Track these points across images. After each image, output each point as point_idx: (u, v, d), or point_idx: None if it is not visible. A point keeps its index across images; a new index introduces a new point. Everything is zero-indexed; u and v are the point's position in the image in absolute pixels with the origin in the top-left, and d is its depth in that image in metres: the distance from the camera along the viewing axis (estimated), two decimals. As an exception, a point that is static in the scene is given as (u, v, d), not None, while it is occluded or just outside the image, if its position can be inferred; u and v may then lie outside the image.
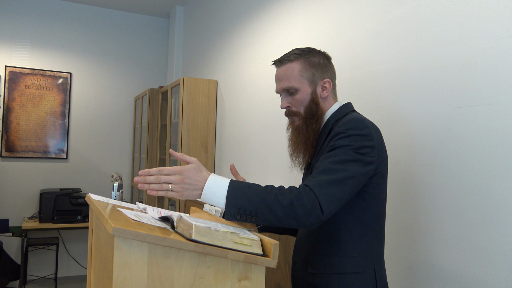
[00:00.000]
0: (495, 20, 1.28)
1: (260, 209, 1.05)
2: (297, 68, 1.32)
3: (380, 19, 1.76)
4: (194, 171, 1.08)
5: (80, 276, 4.55)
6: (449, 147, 1.41)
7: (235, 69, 3.25)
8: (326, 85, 1.34)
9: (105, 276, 0.99)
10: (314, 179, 1.11)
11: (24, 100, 4.42)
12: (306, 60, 1.33)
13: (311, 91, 1.32)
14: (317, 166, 1.17)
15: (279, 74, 1.36)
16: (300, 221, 1.06)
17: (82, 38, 4.70)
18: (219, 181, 1.09)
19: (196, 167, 1.09)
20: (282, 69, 1.35)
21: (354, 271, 1.22)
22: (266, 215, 1.06)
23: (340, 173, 1.12)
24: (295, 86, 1.32)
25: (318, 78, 1.33)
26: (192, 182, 1.07)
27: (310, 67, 1.32)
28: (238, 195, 1.06)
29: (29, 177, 4.43)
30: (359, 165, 1.15)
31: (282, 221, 1.06)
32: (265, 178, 2.70)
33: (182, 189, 1.06)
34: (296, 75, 1.32)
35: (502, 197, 1.24)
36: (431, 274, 1.46)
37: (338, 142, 1.18)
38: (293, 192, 1.07)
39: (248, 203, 1.06)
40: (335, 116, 1.33)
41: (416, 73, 1.56)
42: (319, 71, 1.33)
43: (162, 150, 4.15)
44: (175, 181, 1.05)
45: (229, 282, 0.97)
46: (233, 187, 1.07)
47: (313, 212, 1.06)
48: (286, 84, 1.33)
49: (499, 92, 1.26)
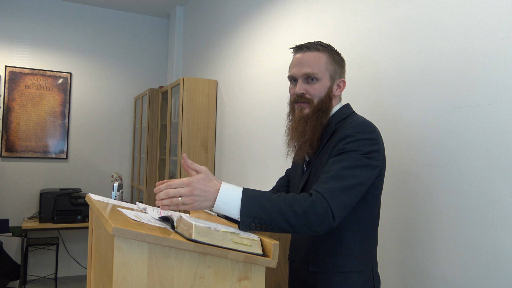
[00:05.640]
0: (495, 20, 1.28)
1: (275, 218, 1.04)
2: (324, 59, 1.31)
3: (380, 19, 1.76)
4: (203, 181, 1.05)
5: (80, 276, 4.55)
6: (449, 147, 1.41)
7: (235, 69, 3.25)
8: (341, 85, 1.36)
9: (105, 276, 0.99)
10: (326, 186, 1.11)
11: (24, 100, 4.42)
12: (331, 55, 1.33)
13: (329, 85, 1.32)
14: (326, 170, 1.16)
15: (304, 59, 1.32)
16: (313, 229, 1.07)
17: (82, 38, 4.70)
18: (232, 190, 1.07)
19: (205, 176, 1.07)
20: (308, 55, 1.32)
21: (356, 270, 1.24)
22: (280, 224, 1.05)
23: (350, 180, 1.12)
24: (318, 75, 1.30)
25: (337, 76, 1.34)
26: (202, 193, 1.04)
27: (334, 62, 1.33)
28: (252, 204, 1.05)
29: (29, 177, 4.43)
30: (367, 170, 1.16)
31: (295, 229, 1.06)
32: (265, 178, 2.70)
33: (192, 201, 1.03)
34: (322, 66, 1.31)
35: (502, 197, 1.24)
36: (430, 274, 1.46)
37: (347, 146, 1.18)
38: (307, 200, 1.07)
39: (263, 212, 1.04)
40: (337, 116, 1.33)
41: (416, 73, 1.56)
42: (339, 69, 1.35)
43: (162, 150, 4.15)
44: (184, 193, 1.03)
45: (229, 282, 0.97)
46: (247, 196, 1.06)
47: (326, 220, 1.07)
48: (310, 70, 1.30)
49: (499, 92, 1.26)
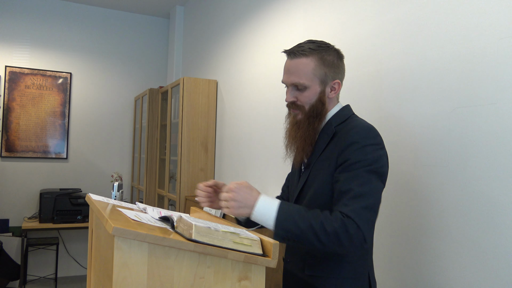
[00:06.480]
0: (495, 20, 1.28)
1: (307, 234, 1.09)
2: (311, 65, 1.25)
3: (380, 19, 1.76)
4: (245, 189, 1.15)
5: (80, 276, 4.55)
6: (450, 147, 1.41)
7: (235, 69, 3.25)
8: (336, 86, 1.30)
9: (105, 276, 0.99)
10: (350, 207, 1.11)
11: (24, 100, 4.42)
12: (321, 58, 1.26)
13: (320, 90, 1.27)
14: (344, 189, 1.15)
15: (291, 67, 1.28)
16: (344, 249, 1.10)
17: (82, 38, 4.70)
18: (269, 203, 1.14)
19: (248, 185, 1.16)
20: (294, 62, 1.27)
21: (351, 276, 1.23)
22: (311, 240, 1.09)
23: (371, 198, 1.13)
24: (306, 84, 1.26)
25: (329, 79, 1.28)
26: (243, 200, 1.14)
27: (324, 66, 1.26)
28: (287, 218, 1.11)
29: (29, 177, 4.43)
30: (380, 181, 1.18)
31: (325, 247, 1.10)
32: (265, 178, 2.70)
33: (232, 206, 1.13)
34: (309, 73, 1.25)
35: (502, 197, 1.24)
36: (431, 275, 1.46)
37: (354, 155, 1.16)
38: (338, 221, 1.09)
39: (296, 227, 1.10)
40: (337, 118, 1.30)
41: (416, 73, 1.56)
42: (331, 71, 1.28)
43: (162, 150, 4.15)
44: (227, 198, 1.14)
45: (229, 282, 0.97)
46: (282, 211, 1.12)
47: (357, 241, 1.09)
48: (296, 79, 1.27)
49: (499, 92, 1.26)
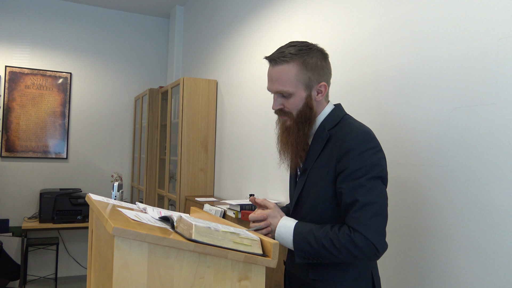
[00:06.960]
0: (495, 20, 1.28)
1: (321, 253, 1.16)
2: (293, 72, 1.22)
3: (380, 19, 1.76)
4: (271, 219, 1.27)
5: (80, 276, 4.55)
6: (449, 147, 1.41)
7: (235, 69, 3.25)
8: (322, 89, 1.26)
9: (105, 276, 0.99)
10: (358, 220, 1.12)
11: (24, 100, 4.42)
12: (303, 62, 1.22)
13: (306, 95, 1.24)
14: (348, 201, 1.15)
15: (273, 75, 1.25)
16: (359, 260, 1.15)
17: (82, 38, 4.70)
18: (286, 227, 1.22)
19: (271, 212, 1.27)
20: (276, 70, 1.24)
21: (355, 278, 1.23)
22: (328, 257, 1.16)
23: (377, 205, 1.14)
24: (290, 91, 1.23)
25: (314, 82, 1.24)
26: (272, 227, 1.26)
27: (307, 70, 1.23)
28: (301, 241, 1.18)
29: (29, 177, 4.43)
30: (383, 185, 1.19)
31: (344, 261, 1.16)
32: (265, 178, 2.70)
33: (266, 232, 1.26)
34: (291, 79, 1.22)
35: (502, 197, 1.24)
36: (431, 274, 1.46)
37: (353, 164, 1.15)
38: (345, 236, 1.13)
39: (311, 248, 1.17)
40: (329, 121, 1.27)
41: (416, 73, 1.56)
42: (315, 74, 1.24)
43: (162, 150, 4.15)
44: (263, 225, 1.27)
45: (229, 282, 0.97)
46: (296, 234, 1.20)
47: (368, 251, 1.12)
48: (280, 87, 1.24)
49: (499, 92, 1.26)
